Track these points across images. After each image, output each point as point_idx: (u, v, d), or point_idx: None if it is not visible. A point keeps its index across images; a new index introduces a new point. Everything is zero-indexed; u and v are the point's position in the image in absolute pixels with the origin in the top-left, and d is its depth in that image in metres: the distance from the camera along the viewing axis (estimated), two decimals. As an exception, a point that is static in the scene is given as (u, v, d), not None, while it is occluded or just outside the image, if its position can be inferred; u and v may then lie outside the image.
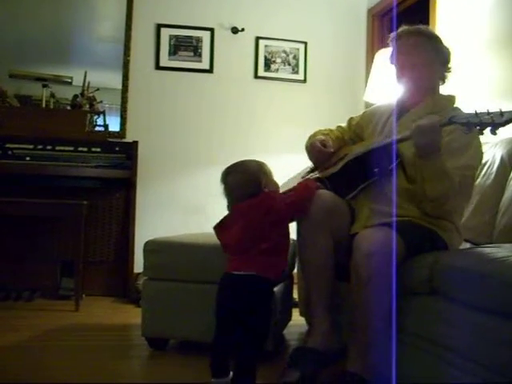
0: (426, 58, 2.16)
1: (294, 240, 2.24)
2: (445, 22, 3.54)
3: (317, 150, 2.37)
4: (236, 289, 1.98)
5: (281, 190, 2.18)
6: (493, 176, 2.50)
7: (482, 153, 2.13)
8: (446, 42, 2.24)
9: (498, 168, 2.49)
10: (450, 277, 1.68)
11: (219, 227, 2.12)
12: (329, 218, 2.06)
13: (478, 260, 1.61)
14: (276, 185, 2.15)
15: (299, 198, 2.09)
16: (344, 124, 2.56)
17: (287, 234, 2.10)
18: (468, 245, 2.34)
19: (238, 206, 2.05)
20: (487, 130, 1.71)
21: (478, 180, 2.55)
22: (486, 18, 3.16)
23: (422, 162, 1.91)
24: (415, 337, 1.84)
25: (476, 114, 1.73)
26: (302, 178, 2.49)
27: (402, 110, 2.27)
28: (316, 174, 2.38)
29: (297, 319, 2.89)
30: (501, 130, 1.71)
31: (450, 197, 1.95)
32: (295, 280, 2.81)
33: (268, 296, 2.02)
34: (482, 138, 2.77)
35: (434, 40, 2.19)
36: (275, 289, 2.39)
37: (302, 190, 2.12)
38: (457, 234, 2.12)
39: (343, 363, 1.93)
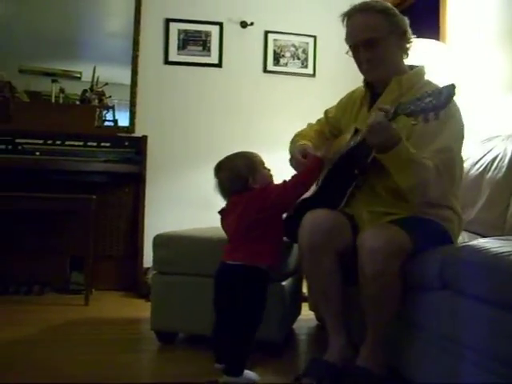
0: (378, 32, 2.06)
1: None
2: (455, 16, 3.51)
3: (297, 163, 2.27)
4: (227, 277, 2.06)
5: None
6: (504, 169, 2.47)
7: (462, 129, 2.02)
8: (400, 14, 2.14)
9: (510, 161, 2.46)
10: (462, 271, 1.66)
11: (223, 214, 2.20)
12: (330, 239, 1.97)
13: (489, 254, 1.59)
14: (268, 176, 2.19)
15: (294, 186, 2.12)
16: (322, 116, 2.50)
17: (277, 219, 2.13)
18: (479, 238, 2.32)
19: (235, 198, 2.13)
20: (431, 116, 1.61)
21: (489, 173, 2.52)
22: (496, 10, 3.13)
23: (383, 157, 1.84)
24: (427, 332, 1.83)
25: (418, 98, 1.65)
26: None
27: (374, 95, 2.19)
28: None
29: (306, 313, 2.89)
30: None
31: (428, 183, 1.87)
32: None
33: (257, 285, 2.05)
34: (492, 132, 2.79)
35: (386, 13, 2.08)
36: (284, 283, 2.40)
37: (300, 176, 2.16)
38: (457, 220, 2.07)
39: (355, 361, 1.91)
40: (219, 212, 2.20)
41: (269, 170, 2.20)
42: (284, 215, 2.19)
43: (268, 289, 2.09)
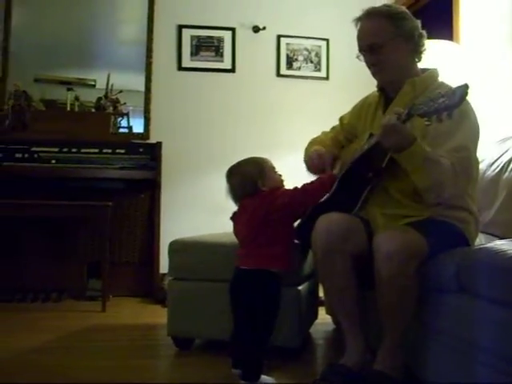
0: (381, 38, 2.05)
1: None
2: (468, 16, 3.48)
3: (315, 167, 2.28)
4: (241, 283, 2.09)
5: None
6: (521, 169, 2.44)
7: (477, 129, 2.00)
8: (411, 17, 2.12)
9: (527, 161, 2.44)
10: (479, 273, 1.64)
11: (234, 219, 2.22)
12: (345, 242, 1.96)
13: (506, 256, 1.57)
14: (278, 181, 2.20)
15: (303, 194, 2.12)
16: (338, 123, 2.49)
17: (287, 223, 2.14)
18: (496, 240, 2.29)
19: (245, 201, 2.15)
20: (445, 116, 1.62)
21: (506, 174, 2.50)
22: (509, 10, 3.10)
23: (399, 157, 1.84)
24: (443, 334, 1.81)
25: (431, 99, 1.65)
26: None
27: (387, 99, 2.18)
28: None
29: (323, 317, 2.88)
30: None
31: (445, 182, 1.86)
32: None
33: (270, 288, 2.06)
34: (508, 132, 2.76)
35: (392, 17, 2.07)
36: (300, 287, 2.39)
37: (313, 187, 2.15)
38: (473, 222, 2.04)
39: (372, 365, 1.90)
40: (231, 218, 2.21)
41: (280, 175, 2.21)
42: (298, 221, 2.18)
43: (281, 292, 2.09)
